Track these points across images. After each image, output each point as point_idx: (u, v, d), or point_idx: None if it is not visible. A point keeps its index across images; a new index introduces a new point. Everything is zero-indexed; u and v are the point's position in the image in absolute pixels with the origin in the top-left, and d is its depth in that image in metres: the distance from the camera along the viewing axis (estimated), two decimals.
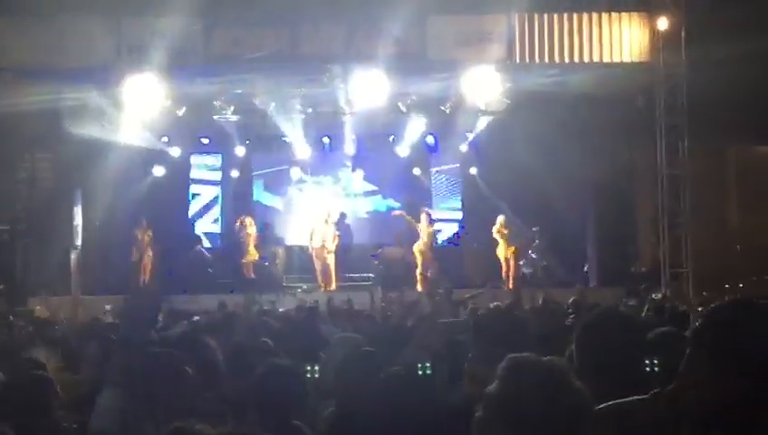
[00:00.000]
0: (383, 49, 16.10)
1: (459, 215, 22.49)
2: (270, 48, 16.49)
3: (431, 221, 19.73)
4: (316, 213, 20.62)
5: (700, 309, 10.99)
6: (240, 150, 21.05)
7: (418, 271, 19.20)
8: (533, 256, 19.95)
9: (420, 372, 5.05)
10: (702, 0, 16.52)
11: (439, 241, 21.10)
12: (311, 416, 4.49)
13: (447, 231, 22.32)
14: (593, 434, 2.39)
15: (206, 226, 22.47)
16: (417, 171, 22.05)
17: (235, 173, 22.09)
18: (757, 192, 18.91)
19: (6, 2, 15.95)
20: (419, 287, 18.63)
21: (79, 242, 19.46)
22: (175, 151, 20.82)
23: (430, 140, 20.59)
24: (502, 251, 19.24)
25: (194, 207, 22.62)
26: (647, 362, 3.38)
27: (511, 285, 18.62)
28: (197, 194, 22.73)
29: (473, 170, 21.70)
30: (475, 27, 16.79)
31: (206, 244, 21.70)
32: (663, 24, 16.94)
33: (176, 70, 16.41)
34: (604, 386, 2.92)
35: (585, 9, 16.96)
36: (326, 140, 20.78)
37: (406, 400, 2.55)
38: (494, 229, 19.16)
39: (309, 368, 5.13)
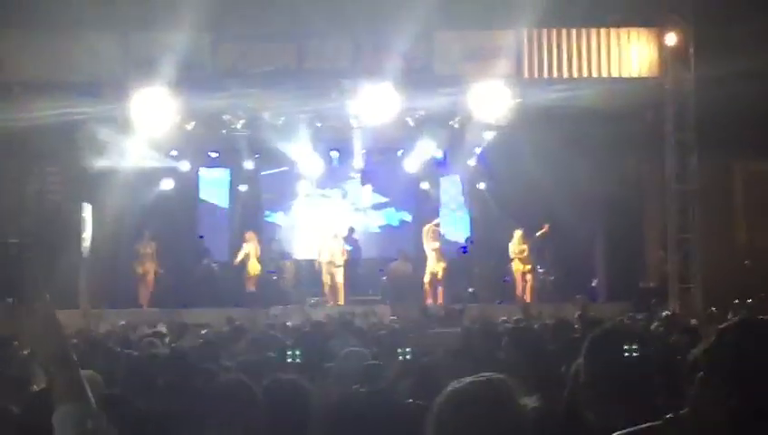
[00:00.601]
0: (390, 64, 16.13)
1: (468, 229, 22.42)
2: (277, 63, 16.55)
3: (438, 236, 19.77)
4: (325, 227, 20.60)
5: (708, 325, 10.95)
6: (249, 164, 21.08)
7: (426, 285, 19.21)
8: (541, 270, 19.90)
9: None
10: (710, 16, 16.49)
11: (446, 254, 21.07)
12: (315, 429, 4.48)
13: (455, 244, 22.27)
14: None
15: (214, 239, 22.42)
16: (425, 185, 22.02)
17: (243, 187, 22.11)
18: (766, 207, 18.84)
19: (15, 17, 16.00)
20: (428, 302, 18.62)
21: (87, 255, 19.46)
22: (184, 165, 20.83)
23: (439, 154, 20.56)
24: (518, 266, 19.24)
25: (202, 221, 22.59)
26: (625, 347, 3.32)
27: (525, 299, 18.62)
28: (206, 207, 22.72)
29: (481, 185, 21.68)
30: (482, 42, 16.79)
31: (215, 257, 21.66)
32: (671, 39, 16.93)
33: (185, 84, 16.46)
34: (612, 399, 2.91)
35: (593, 24, 16.95)
36: (335, 154, 20.81)
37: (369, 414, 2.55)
38: (511, 245, 19.16)
39: (290, 353, 5.09)
